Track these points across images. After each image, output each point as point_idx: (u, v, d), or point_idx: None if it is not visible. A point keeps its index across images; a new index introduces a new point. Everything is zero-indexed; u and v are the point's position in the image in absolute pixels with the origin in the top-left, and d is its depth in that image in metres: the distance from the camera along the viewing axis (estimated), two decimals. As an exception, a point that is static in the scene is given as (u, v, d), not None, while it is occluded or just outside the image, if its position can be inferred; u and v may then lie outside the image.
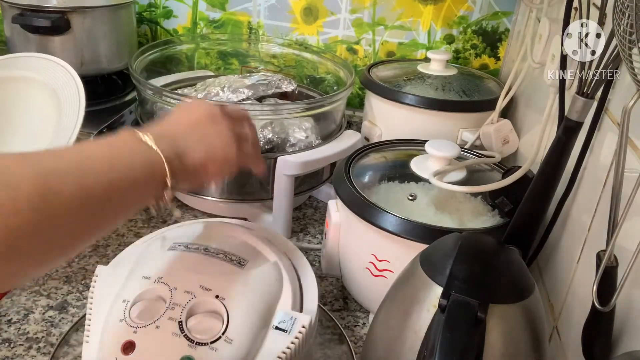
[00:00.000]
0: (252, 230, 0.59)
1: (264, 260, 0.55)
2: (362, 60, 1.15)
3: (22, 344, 0.62)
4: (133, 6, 1.10)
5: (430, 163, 0.69)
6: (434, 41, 1.11)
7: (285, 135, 0.84)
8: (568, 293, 0.55)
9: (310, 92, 1.04)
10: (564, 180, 0.56)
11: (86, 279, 0.73)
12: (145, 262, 0.53)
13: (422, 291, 0.45)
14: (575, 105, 0.49)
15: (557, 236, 0.61)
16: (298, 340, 0.48)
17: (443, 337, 0.40)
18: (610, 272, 0.42)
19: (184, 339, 0.46)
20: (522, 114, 0.89)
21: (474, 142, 0.87)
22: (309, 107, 0.85)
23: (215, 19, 1.17)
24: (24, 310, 0.67)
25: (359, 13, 1.11)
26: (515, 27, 1.05)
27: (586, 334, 0.46)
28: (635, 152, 0.45)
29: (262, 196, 0.84)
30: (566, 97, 0.60)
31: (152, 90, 0.84)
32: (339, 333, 0.65)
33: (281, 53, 1.12)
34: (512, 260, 0.47)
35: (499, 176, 0.70)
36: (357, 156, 0.74)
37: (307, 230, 0.89)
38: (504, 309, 0.42)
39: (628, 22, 0.35)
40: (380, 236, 0.62)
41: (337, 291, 0.76)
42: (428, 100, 0.88)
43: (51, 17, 0.96)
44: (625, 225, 0.42)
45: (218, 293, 0.48)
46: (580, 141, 0.54)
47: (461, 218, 0.65)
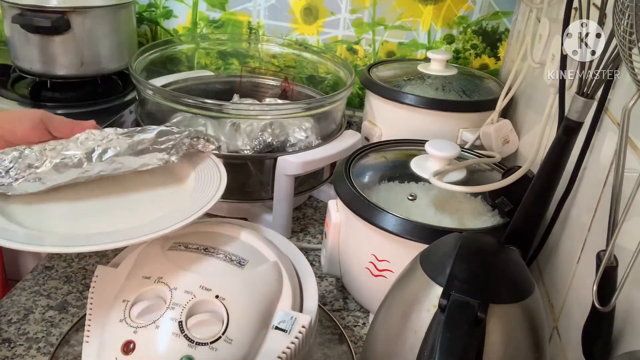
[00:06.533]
0: (252, 230, 0.59)
1: (264, 260, 0.55)
2: (362, 60, 1.15)
3: (22, 344, 0.62)
4: (133, 6, 1.11)
5: (430, 163, 0.69)
6: (434, 41, 1.11)
7: (285, 135, 0.84)
8: (568, 293, 0.55)
9: (310, 92, 1.04)
10: (564, 180, 0.56)
11: (86, 279, 0.73)
12: (145, 262, 0.53)
13: (422, 291, 0.45)
14: (575, 105, 0.49)
15: (557, 236, 0.61)
16: (298, 340, 0.48)
17: (443, 337, 0.40)
18: (610, 272, 0.42)
19: (184, 339, 0.46)
20: (522, 114, 0.89)
21: (474, 142, 0.87)
22: (309, 107, 0.85)
23: (215, 19, 1.17)
24: (24, 310, 0.67)
25: (359, 13, 1.11)
26: (515, 27, 1.05)
27: (586, 334, 0.46)
28: (635, 152, 0.45)
29: (262, 196, 0.84)
30: (566, 97, 0.60)
31: (152, 90, 0.84)
32: (339, 333, 0.65)
33: (281, 53, 1.12)
34: (512, 260, 0.47)
35: (499, 176, 0.70)
36: (357, 156, 0.74)
37: (307, 230, 0.89)
38: (504, 309, 0.42)
39: (628, 22, 0.35)
40: (380, 236, 0.62)
41: (337, 291, 0.76)
42: (428, 100, 0.88)
43: (51, 17, 0.96)
44: (625, 225, 0.42)
45: (218, 293, 0.48)
46: (580, 141, 0.54)
47: (461, 218, 0.65)
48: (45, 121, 0.61)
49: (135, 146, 0.60)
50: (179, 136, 0.63)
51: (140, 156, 0.61)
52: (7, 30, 1.03)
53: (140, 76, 0.86)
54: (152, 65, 0.97)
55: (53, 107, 1.03)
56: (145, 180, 0.63)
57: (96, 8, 1.02)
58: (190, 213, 0.54)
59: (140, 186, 0.62)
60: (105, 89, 1.09)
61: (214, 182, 0.61)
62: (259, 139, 0.82)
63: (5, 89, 1.07)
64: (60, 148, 0.59)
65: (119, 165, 0.60)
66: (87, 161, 0.58)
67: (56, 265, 0.75)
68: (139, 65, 0.92)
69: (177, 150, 0.62)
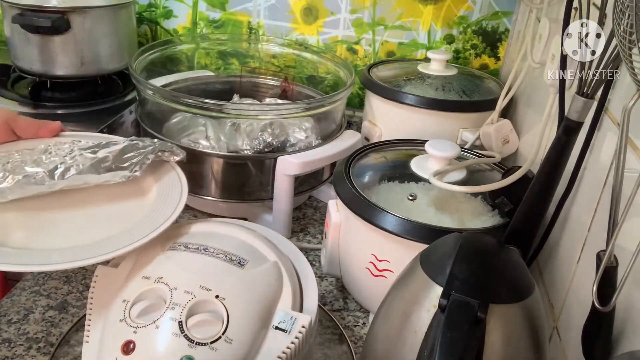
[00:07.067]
0: (252, 230, 0.59)
1: (264, 260, 0.55)
2: (362, 60, 1.15)
3: (22, 344, 0.62)
4: (133, 6, 1.10)
5: (430, 163, 0.69)
6: (434, 41, 1.11)
7: (285, 135, 0.84)
8: (568, 293, 0.55)
9: (310, 92, 1.04)
10: (564, 180, 0.56)
11: (86, 279, 0.73)
12: (145, 262, 0.53)
13: (422, 291, 0.45)
14: (575, 105, 0.49)
15: (557, 236, 0.61)
16: (298, 340, 0.48)
17: (443, 337, 0.40)
18: (610, 272, 0.42)
19: (184, 339, 0.46)
20: (522, 114, 0.89)
21: (474, 142, 0.87)
22: (309, 107, 0.85)
23: (215, 19, 1.17)
24: (24, 310, 0.67)
25: (359, 13, 1.11)
26: (515, 27, 1.05)
27: (586, 334, 0.46)
28: (635, 152, 0.45)
29: (262, 196, 0.84)
30: (566, 97, 0.60)
31: (152, 90, 0.84)
32: (339, 333, 0.65)
33: (281, 53, 1.12)
34: (512, 260, 0.47)
35: (499, 176, 0.70)
36: (357, 156, 0.74)
37: (307, 230, 0.89)
38: (504, 309, 0.42)
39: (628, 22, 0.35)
40: (380, 236, 0.62)
41: (337, 291, 0.76)
42: (428, 100, 0.88)
43: (51, 17, 0.96)
44: (625, 225, 0.42)
45: (218, 293, 0.48)
46: (580, 141, 0.54)
47: (461, 218, 0.65)
48: (10, 122, 0.61)
49: (99, 165, 0.61)
50: (144, 151, 0.63)
51: (102, 174, 0.61)
52: (7, 30, 1.03)
53: (140, 76, 0.86)
54: (152, 65, 0.97)
55: (53, 107, 1.03)
56: (107, 191, 0.63)
57: (96, 8, 1.01)
58: (142, 235, 0.54)
59: (102, 197, 0.63)
60: (105, 89, 1.09)
61: (174, 197, 0.61)
62: (259, 139, 0.82)
63: (5, 89, 1.07)
64: (21, 164, 0.59)
65: (81, 182, 0.60)
66: (49, 179, 0.59)
67: (56, 265, 0.75)
68: (139, 65, 0.92)
69: (141, 166, 0.62)
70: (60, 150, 0.61)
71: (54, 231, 0.58)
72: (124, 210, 0.62)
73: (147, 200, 0.62)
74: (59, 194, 0.60)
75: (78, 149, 0.62)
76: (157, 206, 0.60)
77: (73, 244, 0.54)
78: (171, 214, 0.58)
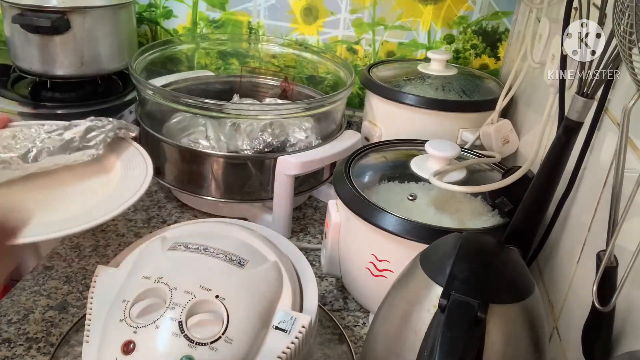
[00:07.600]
0: (252, 230, 0.59)
1: (264, 260, 0.55)
2: (362, 60, 1.15)
3: (22, 344, 0.62)
4: (133, 6, 1.11)
5: (430, 163, 0.69)
6: (434, 41, 1.11)
7: (285, 135, 0.84)
8: (568, 293, 0.55)
9: (310, 92, 1.04)
10: (564, 180, 0.56)
11: (86, 279, 0.73)
12: (145, 262, 0.53)
13: (422, 291, 0.45)
14: (575, 105, 0.49)
15: (557, 236, 0.61)
16: (298, 340, 0.48)
17: (443, 337, 0.40)
18: (610, 272, 0.42)
19: (184, 339, 0.46)
20: (522, 114, 0.89)
21: (474, 142, 0.87)
22: (309, 107, 0.85)
23: (215, 19, 1.17)
24: (24, 310, 0.67)
25: (359, 13, 1.11)
26: (515, 27, 1.05)
27: (586, 334, 0.46)
28: (635, 152, 0.45)
29: (262, 196, 0.84)
30: (566, 97, 0.60)
31: (152, 90, 0.84)
32: (339, 333, 0.65)
33: (281, 53, 1.12)
34: (512, 260, 0.47)
35: (499, 176, 0.70)
36: (357, 156, 0.74)
37: (307, 230, 0.89)
38: (504, 309, 0.42)
39: (628, 22, 0.35)
40: (380, 236, 0.62)
41: (337, 291, 0.76)
42: (428, 100, 0.88)
43: (51, 17, 0.96)
44: (625, 225, 0.42)
45: (218, 293, 0.48)
46: (580, 141, 0.54)
47: (461, 218, 0.65)
48: None
49: (67, 145, 0.66)
50: (104, 130, 0.69)
51: (72, 154, 0.66)
52: (7, 30, 1.03)
53: (140, 76, 0.86)
54: (152, 65, 0.97)
55: (53, 107, 1.03)
56: (73, 171, 0.67)
57: (96, 8, 1.02)
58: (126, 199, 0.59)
59: (69, 177, 0.67)
60: (105, 89, 1.09)
61: (140, 169, 0.66)
62: (259, 139, 0.82)
63: (5, 89, 1.07)
64: None
65: (52, 163, 0.65)
66: (23, 162, 0.63)
67: (56, 265, 0.75)
68: (139, 65, 0.92)
69: (104, 144, 0.68)
70: (28, 135, 0.65)
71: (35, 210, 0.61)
72: (94, 184, 0.66)
73: (114, 173, 0.68)
74: (27, 179, 0.64)
75: (45, 132, 0.66)
76: (127, 174, 0.65)
77: (60, 217, 0.57)
78: (144, 176, 0.64)
